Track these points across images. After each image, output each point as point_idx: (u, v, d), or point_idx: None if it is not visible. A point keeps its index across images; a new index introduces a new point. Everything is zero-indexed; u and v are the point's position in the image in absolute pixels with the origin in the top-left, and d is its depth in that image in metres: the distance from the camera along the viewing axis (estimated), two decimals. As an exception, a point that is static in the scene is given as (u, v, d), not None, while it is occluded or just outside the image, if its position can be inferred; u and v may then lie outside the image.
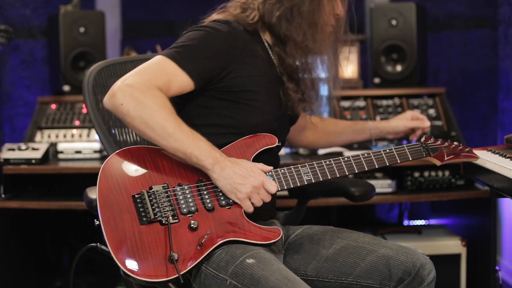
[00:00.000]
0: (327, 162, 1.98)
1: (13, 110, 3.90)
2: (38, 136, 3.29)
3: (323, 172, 1.96)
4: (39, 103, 3.44)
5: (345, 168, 1.98)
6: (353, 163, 1.99)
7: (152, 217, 1.80)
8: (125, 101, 1.80)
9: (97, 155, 3.11)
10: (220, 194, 1.87)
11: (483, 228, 3.13)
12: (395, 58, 3.57)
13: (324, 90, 2.26)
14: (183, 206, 1.83)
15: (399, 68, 3.57)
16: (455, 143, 2.15)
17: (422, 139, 2.12)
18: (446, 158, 2.10)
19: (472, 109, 3.98)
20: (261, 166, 1.92)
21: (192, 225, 1.80)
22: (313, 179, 1.95)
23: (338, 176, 1.97)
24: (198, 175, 1.88)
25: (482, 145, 2.65)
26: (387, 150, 2.04)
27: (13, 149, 3.06)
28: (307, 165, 1.96)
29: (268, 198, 1.89)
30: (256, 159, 1.96)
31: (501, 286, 2.74)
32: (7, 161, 3.01)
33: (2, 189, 3.02)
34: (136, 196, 1.83)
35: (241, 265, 1.75)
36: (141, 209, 1.81)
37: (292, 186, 1.94)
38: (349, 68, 3.65)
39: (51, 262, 3.43)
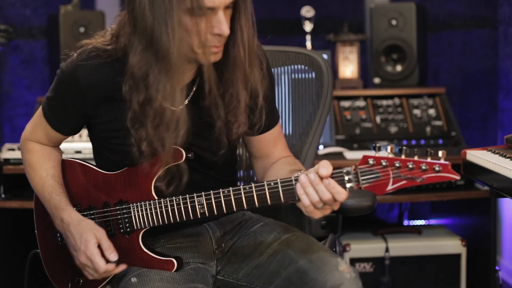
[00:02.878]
0: (225, 192, 1.71)
1: (13, 110, 3.90)
2: (38, 136, 3.28)
3: (219, 206, 1.72)
4: (39, 103, 3.44)
5: (244, 203, 1.69)
6: (255, 196, 1.68)
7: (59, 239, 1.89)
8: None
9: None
10: (120, 222, 1.82)
11: (483, 228, 3.13)
12: (395, 58, 3.57)
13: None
14: None
15: (399, 68, 3.57)
16: (415, 160, 1.54)
17: (360, 161, 1.59)
18: (388, 188, 1.57)
19: (472, 109, 3.98)
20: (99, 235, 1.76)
21: None
22: (206, 213, 1.73)
23: (235, 210, 1.72)
24: (104, 198, 1.85)
25: (482, 145, 2.66)
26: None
27: (13, 149, 3.05)
28: (203, 195, 1.72)
29: (99, 274, 1.75)
30: (169, 173, 1.78)
31: (501, 286, 2.74)
32: (7, 161, 3.01)
33: (2, 189, 3.02)
34: None
35: (126, 283, 1.76)
36: (57, 230, 1.88)
37: (169, 221, 1.76)
38: (349, 68, 3.66)
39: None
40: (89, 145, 3.11)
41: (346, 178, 1.59)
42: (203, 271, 1.85)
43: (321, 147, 3.22)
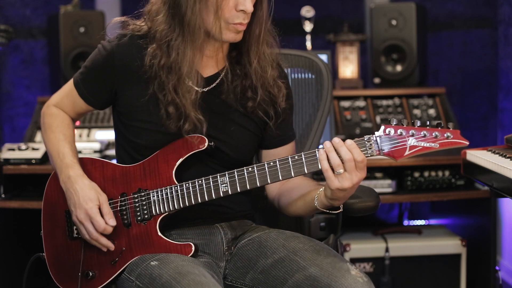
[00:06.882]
0: (249, 169, 1.79)
1: (13, 110, 3.90)
2: (38, 136, 3.29)
3: (242, 183, 1.79)
4: (39, 103, 3.44)
5: (268, 177, 1.78)
6: (279, 169, 1.77)
7: (75, 233, 1.91)
8: (41, 121, 2.04)
9: (97, 155, 3.11)
10: (138, 209, 1.85)
11: (483, 228, 3.13)
12: (395, 58, 3.57)
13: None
14: None
15: (399, 68, 3.57)
16: (428, 128, 1.71)
17: (379, 131, 1.74)
18: (406, 153, 1.71)
19: (472, 109, 3.98)
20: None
21: None
22: (230, 191, 1.79)
23: (258, 186, 1.79)
24: (121, 189, 1.88)
25: (482, 145, 2.65)
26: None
27: (13, 149, 3.06)
28: (226, 174, 1.80)
29: (101, 231, 1.81)
30: (185, 165, 1.86)
31: (501, 286, 2.74)
32: (7, 161, 3.01)
33: (2, 189, 3.02)
34: (67, 211, 1.92)
35: (145, 267, 1.78)
36: (68, 225, 1.92)
37: (200, 201, 1.81)
38: (349, 68, 3.66)
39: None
40: (89, 145, 3.14)
41: (368, 144, 1.74)
42: (215, 268, 1.87)
43: (321, 147, 3.21)
